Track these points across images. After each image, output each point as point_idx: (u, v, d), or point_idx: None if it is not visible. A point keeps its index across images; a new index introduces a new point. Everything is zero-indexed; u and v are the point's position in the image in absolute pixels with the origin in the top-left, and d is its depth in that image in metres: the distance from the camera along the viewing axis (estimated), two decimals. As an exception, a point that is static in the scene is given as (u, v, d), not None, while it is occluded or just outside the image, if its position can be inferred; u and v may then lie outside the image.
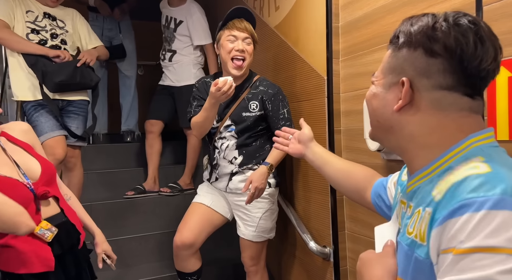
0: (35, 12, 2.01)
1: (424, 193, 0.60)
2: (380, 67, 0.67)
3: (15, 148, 1.20)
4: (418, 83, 0.59)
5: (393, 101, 0.62)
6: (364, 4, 1.43)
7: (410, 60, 0.60)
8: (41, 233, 1.12)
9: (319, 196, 1.67)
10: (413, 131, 0.61)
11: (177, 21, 2.48)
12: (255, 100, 1.66)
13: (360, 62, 1.46)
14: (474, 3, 1.03)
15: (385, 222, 0.79)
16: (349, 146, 1.55)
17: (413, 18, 0.62)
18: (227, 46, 1.59)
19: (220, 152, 1.72)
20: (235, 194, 1.73)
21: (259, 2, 2.14)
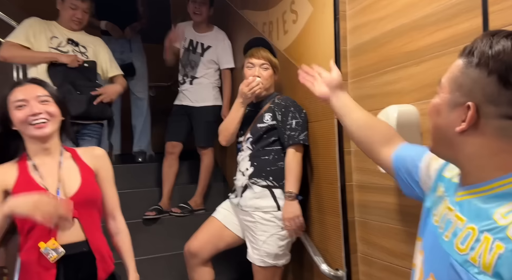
0: (59, 38, 2.08)
1: (480, 212, 0.59)
2: (447, 77, 0.64)
3: (72, 166, 1.27)
4: (484, 109, 0.57)
5: (457, 121, 0.61)
6: (372, 28, 1.46)
7: (481, 84, 0.57)
8: (45, 252, 1.12)
9: (331, 217, 1.66)
10: (474, 153, 0.60)
11: (205, 46, 2.55)
12: (269, 112, 1.77)
13: (369, 84, 1.48)
14: (481, 28, 1.05)
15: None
16: (360, 167, 1.55)
17: (494, 37, 0.58)
18: (247, 73, 1.79)
19: (238, 165, 1.82)
20: (244, 212, 1.75)
21: (268, 26, 2.19)
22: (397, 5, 1.34)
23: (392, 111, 1.26)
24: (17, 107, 1.19)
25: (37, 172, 1.20)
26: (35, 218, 0.99)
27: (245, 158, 1.78)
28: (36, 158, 1.22)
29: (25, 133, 1.21)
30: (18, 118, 1.18)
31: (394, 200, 1.38)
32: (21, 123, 1.18)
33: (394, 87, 1.36)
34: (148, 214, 2.42)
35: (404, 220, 1.34)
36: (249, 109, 1.85)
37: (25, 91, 1.21)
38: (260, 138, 1.75)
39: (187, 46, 2.58)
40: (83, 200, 1.22)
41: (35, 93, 1.21)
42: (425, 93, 1.24)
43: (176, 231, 2.46)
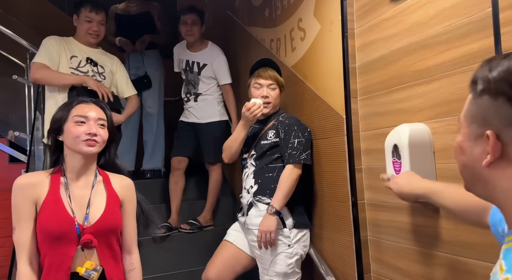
0: (78, 57, 2.11)
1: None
2: (462, 112, 0.62)
3: (102, 190, 1.27)
4: (505, 134, 0.53)
5: (482, 155, 0.56)
6: (381, 46, 1.46)
7: (493, 109, 0.54)
8: (86, 275, 1.15)
9: (343, 236, 1.64)
10: (508, 188, 0.55)
11: (200, 65, 2.57)
12: (273, 129, 1.79)
13: (379, 102, 1.48)
14: (493, 48, 1.04)
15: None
16: (372, 185, 1.54)
17: (493, 61, 0.57)
18: (255, 93, 1.81)
19: (243, 182, 1.82)
20: (249, 230, 1.74)
21: (276, 43, 2.21)
22: (406, 23, 1.34)
23: (404, 130, 1.25)
24: (77, 122, 1.22)
25: (67, 191, 1.20)
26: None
27: (250, 175, 1.79)
28: (71, 174, 1.23)
29: (72, 147, 1.22)
30: (74, 132, 1.21)
31: (407, 219, 1.36)
32: (75, 138, 1.21)
33: (405, 105, 1.35)
34: (158, 232, 2.40)
35: (418, 240, 1.32)
36: (254, 126, 1.87)
37: (88, 110, 1.25)
38: (263, 155, 1.77)
39: (185, 67, 2.61)
40: (103, 228, 1.21)
41: (97, 115, 1.25)
42: (437, 112, 1.23)
43: (185, 248, 2.45)
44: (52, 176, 1.22)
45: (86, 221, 1.19)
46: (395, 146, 1.28)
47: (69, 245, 1.16)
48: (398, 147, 1.26)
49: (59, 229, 1.14)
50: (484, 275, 1.08)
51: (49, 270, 1.14)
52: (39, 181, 1.20)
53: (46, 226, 1.14)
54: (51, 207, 1.16)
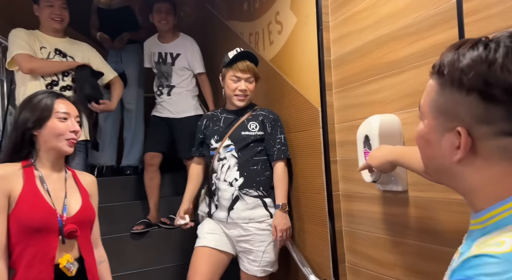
0: (47, 48, 2.07)
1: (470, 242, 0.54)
2: (426, 101, 0.59)
3: (74, 185, 1.30)
4: (477, 131, 0.51)
5: (451, 150, 0.54)
6: (354, 38, 1.47)
7: (464, 105, 0.51)
8: (67, 267, 1.14)
9: (318, 227, 1.66)
10: (475, 182, 0.54)
11: (174, 55, 2.54)
12: (254, 121, 1.78)
13: (352, 94, 1.49)
14: (458, 38, 1.06)
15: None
16: (346, 176, 1.55)
17: (460, 49, 0.52)
18: (231, 85, 1.77)
19: (220, 174, 1.75)
20: (237, 225, 1.71)
21: (254, 37, 2.21)
22: (378, 15, 1.36)
23: (375, 120, 1.27)
24: (60, 119, 1.21)
25: (44, 185, 1.19)
26: None
27: (232, 168, 1.74)
28: (44, 170, 1.22)
29: (51, 144, 1.21)
30: (58, 129, 1.20)
31: (379, 209, 1.38)
32: (58, 134, 1.20)
33: (377, 96, 1.37)
34: (136, 228, 2.38)
35: (390, 229, 1.34)
36: (227, 116, 1.83)
37: (69, 106, 1.25)
38: (246, 146, 1.74)
39: (157, 60, 2.56)
40: (83, 220, 1.24)
41: (75, 112, 1.27)
42: (406, 103, 1.25)
43: (165, 244, 2.43)
44: (25, 169, 1.20)
45: (65, 212, 1.19)
46: (366, 136, 1.29)
47: (51, 236, 1.15)
48: (369, 138, 1.28)
49: (41, 221, 1.14)
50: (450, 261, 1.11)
51: (32, 262, 1.13)
52: (12, 173, 1.17)
53: (27, 217, 1.13)
54: (31, 199, 1.15)
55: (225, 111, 1.85)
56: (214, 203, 1.77)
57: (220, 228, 1.77)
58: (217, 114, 1.87)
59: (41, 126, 1.20)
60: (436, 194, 1.16)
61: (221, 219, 1.75)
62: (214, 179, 1.78)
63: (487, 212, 0.53)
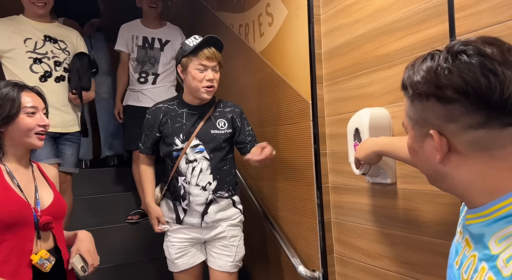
0: (33, 38, 1.98)
1: (479, 238, 0.56)
2: (403, 117, 0.65)
3: (41, 178, 1.27)
4: (447, 129, 0.56)
5: (432, 153, 0.59)
6: (345, 32, 1.48)
7: (428, 110, 0.57)
8: (40, 263, 1.11)
9: (307, 219, 1.68)
10: (464, 179, 0.58)
11: (163, 41, 2.49)
12: (222, 118, 1.67)
13: (342, 87, 1.50)
14: (448, 33, 1.08)
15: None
16: (335, 169, 1.57)
17: (415, 64, 0.59)
18: (198, 75, 1.58)
19: (190, 178, 1.61)
20: (211, 228, 1.65)
21: (244, 28, 2.19)
22: (369, 9, 1.36)
23: (365, 113, 1.28)
24: (28, 113, 1.17)
25: (14, 180, 1.16)
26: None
27: (205, 171, 1.61)
28: (10, 164, 1.18)
29: (20, 140, 1.17)
30: (27, 124, 1.16)
31: (368, 201, 1.40)
32: (27, 130, 1.17)
33: (367, 90, 1.38)
34: (132, 218, 2.38)
35: (378, 221, 1.37)
36: (189, 111, 1.65)
37: (35, 99, 1.21)
38: (219, 146, 1.63)
39: (142, 44, 2.47)
40: (56, 212, 1.23)
41: (42, 105, 1.23)
42: (396, 96, 1.27)
43: (153, 236, 2.43)
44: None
45: (38, 206, 1.17)
46: (357, 129, 1.31)
47: (26, 230, 1.13)
48: (359, 131, 1.30)
49: (16, 214, 1.11)
50: (437, 252, 1.14)
51: (8, 257, 1.10)
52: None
53: (1, 213, 1.09)
54: (2, 194, 1.11)
55: (185, 105, 1.66)
56: (181, 207, 1.64)
57: (187, 239, 1.66)
58: (174, 108, 1.66)
59: (9, 123, 1.15)
60: (424, 186, 1.18)
61: (194, 224, 1.63)
62: (181, 182, 1.62)
63: (493, 205, 0.55)
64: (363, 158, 1.15)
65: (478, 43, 0.54)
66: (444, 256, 0.67)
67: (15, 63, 1.94)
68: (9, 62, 1.94)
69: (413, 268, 1.23)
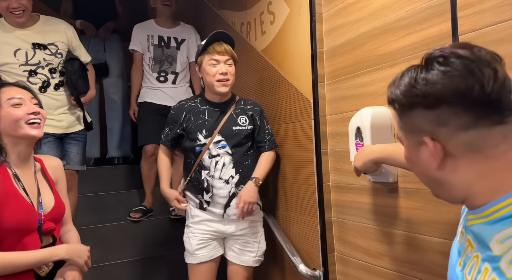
0: (22, 49, 1.88)
1: (481, 239, 0.57)
2: (397, 130, 0.67)
3: (44, 179, 1.25)
4: (439, 134, 0.57)
5: (429, 160, 0.60)
6: (347, 30, 1.48)
7: (418, 119, 0.59)
8: (37, 267, 1.11)
9: (308, 217, 1.68)
10: (464, 182, 0.58)
11: (179, 40, 2.53)
12: (243, 115, 1.73)
13: (344, 86, 1.50)
14: (451, 32, 1.07)
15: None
16: (337, 168, 1.57)
17: (395, 80, 0.62)
18: (211, 71, 1.64)
19: (214, 172, 1.66)
20: (232, 221, 1.68)
21: (246, 26, 2.19)
22: (371, 8, 1.36)
23: (366, 112, 1.28)
24: (14, 105, 1.12)
25: (20, 183, 1.14)
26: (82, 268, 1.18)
27: (228, 165, 1.66)
28: (16, 165, 1.16)
29: (14, 133, 1.13)
30: (16, 115, 1.12)
31: (369, 200, 1.40)
32: (16, 121, 1.12)
33: (369, 89, 1.38)
34: (134, 215, 2.40)
35: (379, 219, 1.36)
36: (211, 108, 1.71)
37: (18, 91, 1.16)
38: (240, 142, 1.69)
39: (158, 43, 2.51)
40: (57, 216, 1.22)
41: (28, 95, 1.18)
42: (398, 95, 1.26)
43: (154, 234, 2.44)
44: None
45: (41, 209, 1.17)
46: (358, 128, 1.31)
47: (30, 235, 1.13)
48: (360, 130, 1.29)
49: (25, 221, 1.11)
50: (438, 251, 1.14)
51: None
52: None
53: (10, 220, 1.09)
54: (11, 201, 1.10)
55: (207, 103, 1.72)
56: (203, 200, 1.68)
57: (210, 232, 1.68)
58: (197, 105, 1.72)
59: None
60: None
61: (216, 213, 1.67)
62: (205, 176, 1.67)
63: (493, 206, 0.55)
64: (361, 167, 1.15)
65: (451, 48, 0.57)
66: (445, 255, 0.67)
67: (12, 76, 1.89)
68: (6, 75, 1.90)
69: (414, 267, 1.23)
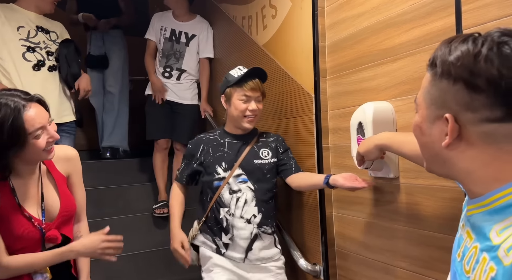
0: (26, 27, 1.98)
1: (480, 229, 0.56)
2: (420, 92, 0.63)
3: (50, 182, 1.23)
4: (463, 117, 0.55)
5: (440, 136, 0.58)
6: (349, 25, 1.46)
7: (451, 93, 0.55)
8: (34, 277, 1.13)
9: (308, 212, 1.68)
10: (467, 167, 0.57)
11: (189, 35, 2.54)
12: (266, 148, 1.63)
13: (346, 81, 1.49)
14: (455, 26, 1.07)
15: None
16: (338, 163, 1.57)
17: (453, 42, 0.56)
18: (240, 106, 1.56)
19: (234, 210, 1.53)
20: (255, 267, 1.55)
21: (247, 20, 2.17)
22: (374, 1, 1.35)
23: (368, 107, 1.27)
24: (37, 137, 1.08)
25: (15, 197, 1.13)
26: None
27: (250, 202, 1.54)
28: (18, 179, 1.14)
29: (32, 158, 1.12)
30: (38, 147, 1.08)
31: (370, 195, 1.40)
32: (41, 151, 1.10)
33: (371, 84, 1.37)
34: (161, 211, 2.43)
35: (380, 215, 1.36)
36: (229, 140, 1.62)
37: (38, 115, 1.08)
38: (263, 177, 1.58)
39: (169, 36, 2.54)
40: (65, 218, 1.22)
41: (46, 116, 1.12)
42: (401, 90, 1.26)
43: (153, 228, 2.46)
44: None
45: (43, 217, 1.16)
46: (360, 123, 1.30)
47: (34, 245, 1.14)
48: (362, 125, 1.29)
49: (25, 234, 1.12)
50: (438, 246, 1.14)
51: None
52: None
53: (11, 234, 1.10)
54: (10, 215, 1.11)
55: (227, 135, 1.63)
56: (221, 242, 1.54)
57: (234, 273, 1.54)
58: (216, 138, 1.63)
59: (18, 152, 1.07)
60: (426, 181, 1.18)
61: (236, 259, 1.53)
62: (224, 214, 1.53)
63: (493, 195, 0.55)
64: (364, 152, 1.16)
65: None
66: (446, 251, 0.67)
67: (10, 50, 1.92)
68: (5, 49, 1.92)
69: (414, 262, 1.23)
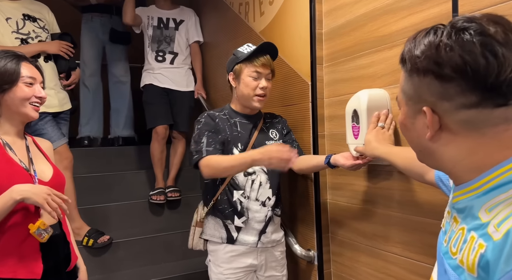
0: (13, 18, 1.95)
1: (470, 211, 0.56)
2: (399, 90, 0.64)
3: (36, 151, 1.27)
4: (440, 107, 0.56)
5: (423, 129, 0.59)
6: (347, 11, 1.46)
7: (424, 86, 0.57)
8: (37, 233, 1.12)
9: (303, 199, 1.69)
10: (453, 156, 0.58)
11: (177, 21, 2.59)
12: (273, 129, 1.62)
13: (343, 68, 1.49)
14: (451, 13, 1.06)
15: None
16: (333, 151, 1.57)
17: (417, 37, 0.58)
18: (251, 83, 1.50)
19: (250, 192, 1.50)
20: (265, 250, 1.54)
21: (244, 7, 2.15)
22: (372, -12, 1.34)
23: (363, 95, 1.27)
24: (26, 83, 1.18)
25: (11, 151, 1.16)
26: (43, 207, 1.08)
27: (265, 185, 1.52)
28: (7, 136, 1.19)
29: (16, 109, 1.17)
30: (25, 93, 1.17)
31: (365, 182, 1.41)
32: (23, 99, 1.17)
33: (367, 71, 1.37)
34: (159, 198, 2.44)
35: (373, 201, 1.38)
36: (240, 120, 1.56)
37: (33, 71, 1.22)
38: None
39: (157, 24, 2.57)
40: (57, 184, 1.23)
41: (40, 77, 1.23)
42: (397, 77, 1.25)
43: (149, 215, 2.48)
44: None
45: (36, 177, 1.18)
46: (355, 111, 1.31)
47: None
48: (357, 112, 1.29)
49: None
50: (431, 231, 1.16)
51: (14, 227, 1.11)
52: None
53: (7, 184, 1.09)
54: (6, 167, 1.12)
55: (237, 115, 1.57)
56: (233, 225, 1.50)
57: (243, 269, 1.50)
58: (227, 117, 1.55)
59: (6, 91, 1.15)
60: (420, 168, 1.19)
61: (250, 244, 1.50)
62: (238, 196, 1.49)
63: (481, 179, 0.56)
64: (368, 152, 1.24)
65: (483, 21, 0.53)
66: (437, 236, 0.68)
67: (3, 44, 1.90)
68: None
69: (406, 247, 1.25)
